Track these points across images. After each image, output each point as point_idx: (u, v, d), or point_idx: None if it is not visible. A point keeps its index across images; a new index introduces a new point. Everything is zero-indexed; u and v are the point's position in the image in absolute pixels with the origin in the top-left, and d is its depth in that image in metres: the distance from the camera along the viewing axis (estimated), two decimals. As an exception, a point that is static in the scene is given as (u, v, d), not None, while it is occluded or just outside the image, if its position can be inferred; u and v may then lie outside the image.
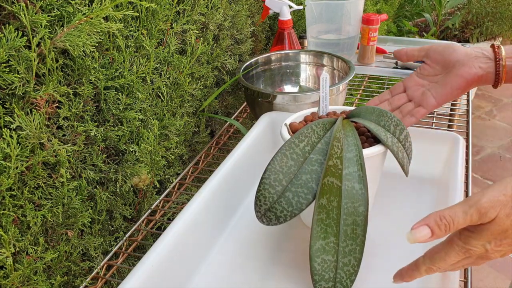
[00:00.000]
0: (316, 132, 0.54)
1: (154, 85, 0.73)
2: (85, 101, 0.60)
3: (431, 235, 0.41)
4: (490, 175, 2.09)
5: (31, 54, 0.49)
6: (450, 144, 0.69)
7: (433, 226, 0.41)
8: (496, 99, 2.74)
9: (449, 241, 0.43)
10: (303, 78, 1.02)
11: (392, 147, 0.54)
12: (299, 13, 1.34)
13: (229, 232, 0.64)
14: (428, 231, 0.42)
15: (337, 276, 0.50)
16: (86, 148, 0.62)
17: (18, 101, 0.51)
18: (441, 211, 0.42)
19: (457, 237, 0.43)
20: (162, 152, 0.74)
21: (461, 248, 0.42)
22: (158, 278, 0.51)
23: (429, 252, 0.45)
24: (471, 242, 0.42)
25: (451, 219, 0.41)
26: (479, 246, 0.41)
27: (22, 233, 0.53)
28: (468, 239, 0.42)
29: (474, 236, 0.41)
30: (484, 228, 0.41)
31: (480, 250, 0.42)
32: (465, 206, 0.41)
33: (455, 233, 0.43)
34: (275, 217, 0.51)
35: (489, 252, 0.42)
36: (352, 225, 0.50)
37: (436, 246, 0.44)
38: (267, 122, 0.78)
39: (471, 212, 0.40)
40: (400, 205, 0.67)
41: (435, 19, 2.45)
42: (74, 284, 0.62)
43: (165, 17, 0.71)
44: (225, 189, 0.64)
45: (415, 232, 0.42)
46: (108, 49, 0.62)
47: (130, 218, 0.74)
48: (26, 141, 0.51)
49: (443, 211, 0.42)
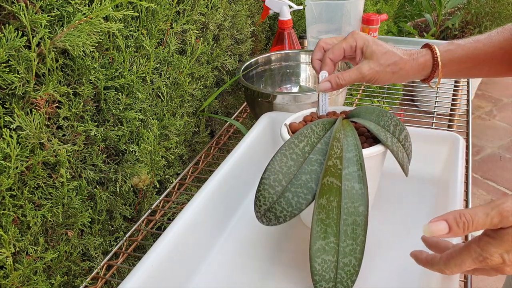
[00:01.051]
0: (316, 132, 0.54)
1: (154, 85, 0.73)
2: (85, 101, 0.60)
3: (448, 231, 0.41)
4: (490, 175, 2.09)
5: (31, 54, 0.49)
6: (450, 144, 0.69)
7: (451, 222, 0.41)
8: (496, 99, 2.74)
9: (466, 247, 0.42)
10: (303, 78, 1.02)
11: (392, 147, 0.54)
12: (299, 13, 1.34)
13: (229, 232, 0.64)
14: (446, 226, 0.41)
15: (338, 276, 0.50)
16: (86, 148, 0.62)
17: (18, 101, 0.51)
18: (462, 210, 0.41)
19: (476, 243, 0.41)
20: (162, 152, 0.74)
21: (478, 255, 0.41)
22: (158, 278, 0.51)
23: (445, 256, 0.44)
24: (490, 249, 0.40)
25: (471, 218, 0.40)
26: (497, 255, 0.40)
27: (22, 233, 0.53)
28: (488, 245, 0.40)
29: (494, 243, 0.40)
30: (505, 233, 0.40)
31: (496, 261, 0.40)
32: (487, 208, 0.40)
33: (474, 239, 0.42)
34: (275, 217, 0.51)
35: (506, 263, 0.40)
36: (352, 225, 0.50)
37: (454, 251, 0.43)
38: (267, 122, 0.78)
39: (492, 214, 0.39)
40: (400, 205, 0.67)
41: (435, 19, 2.45)
42: (74, 284, 0.62)
43: (165, 17, 0.71)
44: (225, 189, 0.64)
45: (432, 225, 0.41)
46: (108, 49, 0.62)
47: (130, 218, 0.74)
48: (26, 141, 0.51)
49: (464, 210, 0.41)
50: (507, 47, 0.63)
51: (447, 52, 0.64)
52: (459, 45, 0.65)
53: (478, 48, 0.64)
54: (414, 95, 2.19)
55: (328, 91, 0.65)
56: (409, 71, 0.64)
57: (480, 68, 0.65)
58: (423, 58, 0.64)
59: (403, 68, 0.64)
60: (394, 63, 0.63)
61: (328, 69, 0.65)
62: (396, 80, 0.66)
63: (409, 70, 0.64)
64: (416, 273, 0.54)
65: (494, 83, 2.92)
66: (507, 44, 0.62)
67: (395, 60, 0.63)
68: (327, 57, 0.65)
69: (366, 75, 0.63)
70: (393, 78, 0.64)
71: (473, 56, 0.64)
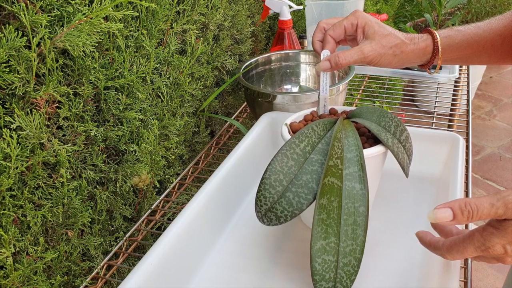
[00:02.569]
0: (317, 132, 0.54)
1: (154, 85, 0.73)
2: (85, 101, 0.60)
3: (452, 218, 0.41)
4: (490, 175, 2.09)
5: (31, 54, 0.49)
6: (450, 144, 0.69)
7: (456, 210, 0.41)
8: (496, 99, 2.74)
9: (470, 236, 0.42)
10: (303, 78, 1.02)
11: (393, 148, 0.54)
12: (299, 13, 1.34)
13: (229, 232, 0.64)
14: (450, 213, 0.41)
15: (338, 276, 0.50)
16: (86, 148, 0.62)
17: (18, 101, 0.50)
18: (468, 198, 0.41)
19: (479, 233, 0.42)
20: (162, 152, 0.74)
21: (481, 245, 0.41)
22: (158, 278, 0.51)
23: (448, 242, 0.44)
24: (493, 240, 0.41)
25: (476, 208, 0.40)
26: (499, 246, 0.41)
27: (22, 233, 0.53)
28: (491, 236, 0.41)
29: (497, 234, 0.41)
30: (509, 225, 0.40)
31: (498, 251, 0.41)
32: (493, 199, 0.41)
33: (478, 228, 0.42)
34: (276, 217, 0.51)
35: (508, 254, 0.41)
36: (352, 225, 0.50)
37: (458, 238, 0.44)
38: (267, 122, 0.78)
39: (497, 205, 0.40)
40: (400, 205, 0.67)
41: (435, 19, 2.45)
42: (74, 284, 0.62)
43: (165, 17, 0.71)
44: (225, 189, 0.64)
45: (437, 212, 0.42)
46: (108, 49, 0.62)
47: (130, 218, 0.74)
48: (26, 141, 0.51)
49: (470, 198, 0.41)
50: (506, 33, 0.62)
51: (447, 38, 0.64)
52: (459, 31, 0.64)
53: (478, 35, 0.64)
54: (414, 95, 2.19)
55: (327, 71, 0.64)
56: (409, 54, 0.64)
57: (479, 55, 0.65)
58: (424, 43, 0.64)
59: (404, 51, 0.63)
60: (396, 46, 0.63)
61: (330, 48, 0.64)
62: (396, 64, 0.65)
63: (409, 53, 0.64)
64: (415, 273, 0.55)
65: (494, 83, 2.92)
66: (506, 31, 0.62)
67: (397, 42, 0.63)
68: (327, 35, 0.64)
69: (367, 56, 0.62)
70: (394, 61, 0.64)
71: (473, 42, 0.64)
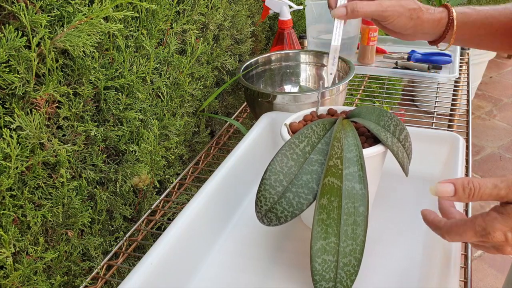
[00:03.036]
0: (316, 132, 0.54)
1: (154, 85, 0.73)
2: (85, 101, 0.60)
3: (454, 194, 0.41)
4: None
5: (31, 54, 0.49)
6: (450, 144, 0.69)
7: (458, 186, 0.41)
8: (496, 99, 2.74)
9: (472, 219, 0.42)
10: (303, 78, 1.02)
11: (392, 147, 0.54)
12: (299, 13, 1.34)
13: (229, 232, 0.64)
14: (452, 188, 0.41)
15: (338, 276, 0.50)
16: (86, 148, 0.62)
17: (18, 101, 0.51)
18: (472, 178, 0.41)
19: (482, 217, 0.41)
20: (162, 152, 0.74)
21: (482, 229, 0.41)
22: (158, 278, 0.51)
23: (450, 223, 0.44)
24: (495, 225, 0.40)
25: (478, 186, 0.40)
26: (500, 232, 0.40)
27: (22, 233, 0.53)
28: (493, 221, 0.40)
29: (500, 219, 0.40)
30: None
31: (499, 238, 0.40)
32: (496, 180, 0.40)
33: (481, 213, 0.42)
34: (276, 218, 0.51)
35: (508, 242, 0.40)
36: (352, 225, 0.50)
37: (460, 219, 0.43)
38: (267, 122, 0.78)
39: (500, 186, 0.40)
40: (400, 205, 0.67)
41: (435, 19, 2.45)
42: (74, 284, 0.62)
43: (165, 17, 0.71)
44: (225, 189, 0.64)
45: (439, 186, 0.42)
46: (108, 49, 0.62)
47: (130, 218, 0.74)
48: (26, 141, 0.51)
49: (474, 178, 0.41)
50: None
51: (462, 14, 0.64)
52: (475, 9, 0.64)
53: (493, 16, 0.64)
54: (414, 95, 2.19)
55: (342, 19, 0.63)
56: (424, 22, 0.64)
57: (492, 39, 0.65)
58: (440, 14, 0.64)
59: (420, 18, 0.63)
60: (414, 10, 0.63)
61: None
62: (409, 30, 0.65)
63: (424, 21, 0.64)
64: (415, 273, 0.55)
65: (494, 83, 2.92)
66: None
67: (415, 7, 0.63)
68: None
69: (385, 10, 0.62)
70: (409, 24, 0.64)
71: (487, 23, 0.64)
